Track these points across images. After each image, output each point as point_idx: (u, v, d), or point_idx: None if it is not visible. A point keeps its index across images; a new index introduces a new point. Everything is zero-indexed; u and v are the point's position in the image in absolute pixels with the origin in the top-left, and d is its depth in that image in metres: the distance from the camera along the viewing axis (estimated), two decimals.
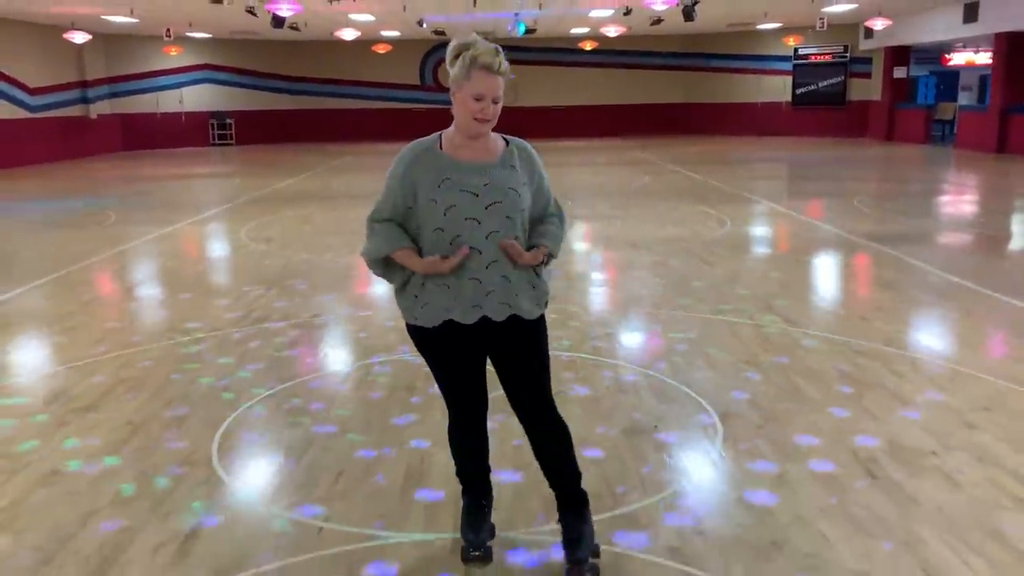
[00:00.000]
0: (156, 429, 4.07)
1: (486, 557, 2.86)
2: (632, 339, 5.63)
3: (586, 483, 2.86)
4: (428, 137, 2.68)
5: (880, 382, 4.56)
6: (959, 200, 12.82)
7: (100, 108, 26.06)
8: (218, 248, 9.62)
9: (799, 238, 9.34)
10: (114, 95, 26.89)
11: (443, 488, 3.36)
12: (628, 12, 19.36)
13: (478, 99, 2.52)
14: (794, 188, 14.98)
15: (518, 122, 29.45)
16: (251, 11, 18.66)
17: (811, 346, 5.24)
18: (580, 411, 4.17)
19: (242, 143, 28.89)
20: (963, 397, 4.32)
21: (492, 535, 2.94)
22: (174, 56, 27.18)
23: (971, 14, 20.41)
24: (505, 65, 2.54)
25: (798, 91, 28.72)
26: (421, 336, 2.71)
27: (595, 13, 21.29)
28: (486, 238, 2.56)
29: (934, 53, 28.63)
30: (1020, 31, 19.33)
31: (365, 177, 16.68)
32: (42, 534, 3.10)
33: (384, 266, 2.70)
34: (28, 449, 3.86)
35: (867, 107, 27.20)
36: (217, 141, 29.00)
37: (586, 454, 3.60)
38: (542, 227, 2.72)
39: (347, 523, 3.14)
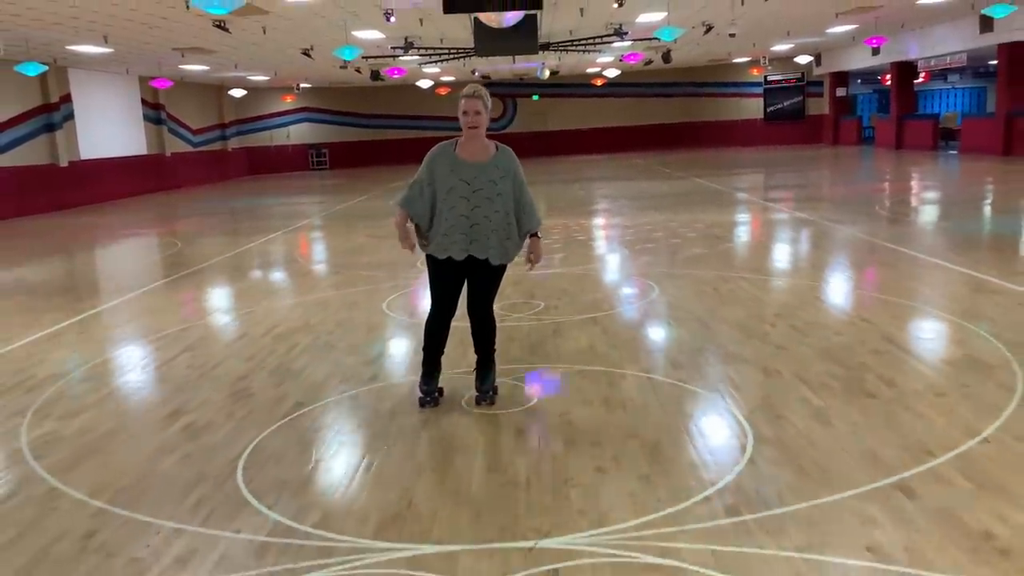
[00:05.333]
0: None
1: (434, 403, 4.62)
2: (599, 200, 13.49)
3: None
4: (449, 140, 4.41)
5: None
6: (801, 168, 20.48)
7: (232, 143, 34.70)
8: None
9: (680, 185, 17.13)
10: (240, 133, 35.53)
11: None
12: (621, 59, 27.31)
13: (464, 113, 4.32)
14: (707, 168, 22.71)
15: (548, 141, 37.86)
16: (358, 70, 26.95)
17: (647, 220, 13.08)
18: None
19: (334, 167, 37.25)
20: None
21: (441, 393, 4.70)
22: (282, 101, 35.72)
23: (876, 52, 28.01)
24: (479, 92, 4.31)
25: (768, 109, 36.41)
26: (432, 261, 4.47)
27: (600, 59, 29.27)
28: (472, 210, 4.30)
29: (876, 76, 36.06)
30: (905, 60, 26.96)
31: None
32: None
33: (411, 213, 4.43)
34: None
35: (820, 120, 34.81)
36: (315, 167, 37.41)
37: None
38: (524, 218, 4.42)
39: None
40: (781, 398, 4.51)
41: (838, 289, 7.47)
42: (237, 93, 29.51)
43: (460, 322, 4.71)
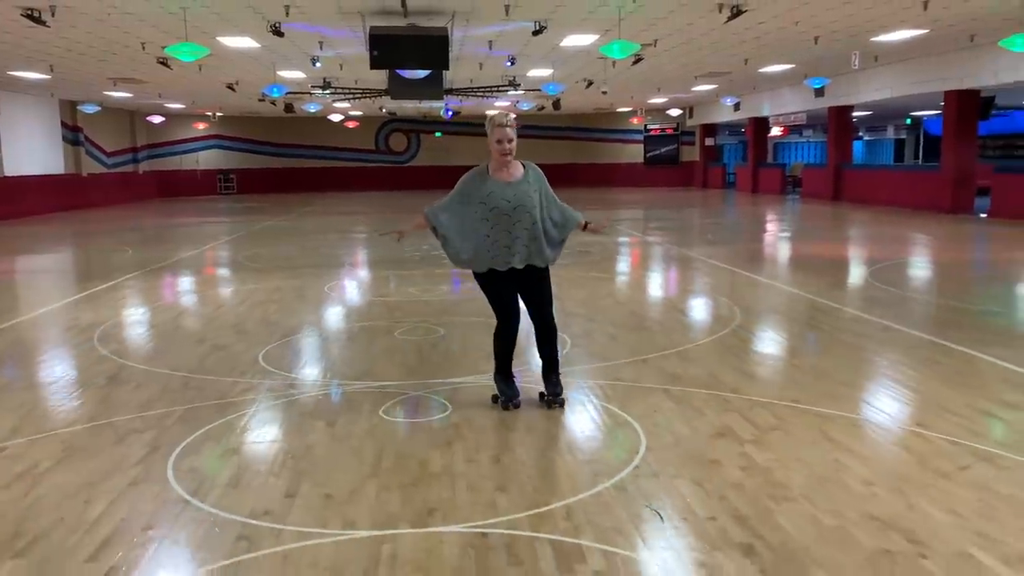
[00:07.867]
0: None
1: (517, 406, 5.12)
2: None
3: None
4: (480, 165, 4.83)
5: None
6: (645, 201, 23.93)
7: (144, 166, 36.07)
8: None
9: None
10: (151, 157, 36.94)
11: None
12: (517, 103, 30.50)
13: (498, 142, 4.67)
14: (589, 204, 25.98)
15: (452, 175, 40.35)
16: (273, 102, 29.13)
17: None
18: None
19: (242, 192, 38.95)
20: None
21: (519, 394, 5.18)
22: (194, 128, 37.39)
23: (737, 107, 32.20)
24: (510, 120, 4.67)
25: (648, 154, 40.40)
26: (481, 277, 4.96)
27: (498, 103, 32.42)
28: (515, 224, 4.75)
29: (740, 128, 40.61)
30: (760, 116, 31.17)
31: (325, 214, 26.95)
32: None
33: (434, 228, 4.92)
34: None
35: (692, 165, 38.99)
36: (223, 192, 39.03)
37: None
38: (568, 218, 4.97)
39: None
40: (593, 330, 7.31)
41: (655, 281, 10.48)
42: (156, 120, 31.14)
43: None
